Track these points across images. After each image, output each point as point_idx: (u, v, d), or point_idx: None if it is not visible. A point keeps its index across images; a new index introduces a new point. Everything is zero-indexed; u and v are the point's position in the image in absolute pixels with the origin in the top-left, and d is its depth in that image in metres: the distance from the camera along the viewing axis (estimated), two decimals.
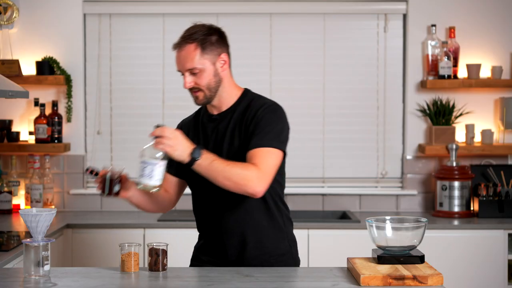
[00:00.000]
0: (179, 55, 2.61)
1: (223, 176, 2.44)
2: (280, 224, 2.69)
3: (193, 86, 2.60)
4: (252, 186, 2.45)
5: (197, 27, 2.64)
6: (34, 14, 4.51)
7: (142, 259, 3.69)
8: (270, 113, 2.59)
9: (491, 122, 4.53)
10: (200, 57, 2.59)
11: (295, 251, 2.75)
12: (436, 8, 4.50)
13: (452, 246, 4.04)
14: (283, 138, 2.58)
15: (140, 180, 2.45)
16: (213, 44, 2.62)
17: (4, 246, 3.32)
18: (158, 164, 2.43)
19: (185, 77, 2.60)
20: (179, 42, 2.61)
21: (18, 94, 3.46)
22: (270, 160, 2.51)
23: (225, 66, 2.67)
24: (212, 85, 2.62)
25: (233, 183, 2.45)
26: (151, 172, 2.43)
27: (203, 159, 2.44)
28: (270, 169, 2.50)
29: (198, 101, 2.64)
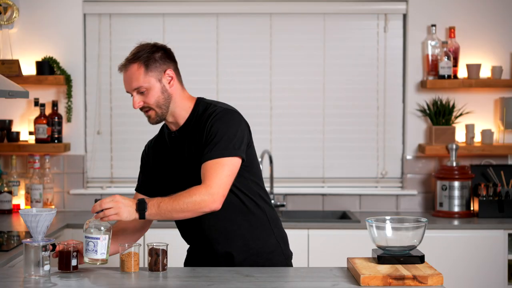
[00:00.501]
0: (125, 76, 2.60)
1: (177, 211, 2.46)
2: (264, 223, 2.68)
3: (142, 105, 2.60)
4: (206, 206, 2.46)
5: (141, 47, 2.62)
6: (34, 14, 4.51)
7: (142, 259, 3.69)
8: (217, 122, 2.56)
9: (491, 122, 4.53)
10: (145, 75, 2.57)
11: (284, 246, 2.74)
12: (436, 8, 4.50)
13: (452, 246, 4.04)
14: (235, 144, 2.54)
15: (86, 254, 2.47)
16: (157, 61, 2.59)
17: (4, 246, 3.32)
18: (101, 238, 2.46)
19: (133, 98, 2.59)
20: (123, 63, 2.60)
21: (18, 94, 3.45)
22: (220, 173, 2.49)
23: (172, 81, 2.62)
24: (161, 102, 2.60)
25: (189, 213, 2.47)
26: (94, 246, 2.46)
27: (150, 207, 2.44)
28: (221, 181, 2.48)
29: (151, 120, 2.63)
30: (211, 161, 2.50)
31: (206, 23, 4.57)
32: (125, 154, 4.60)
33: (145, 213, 2.44)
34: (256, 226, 2.66)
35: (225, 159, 2.50)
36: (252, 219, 2.65)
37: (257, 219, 2.66)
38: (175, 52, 2.69)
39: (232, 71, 4.58)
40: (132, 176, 4.48)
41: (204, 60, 4.57)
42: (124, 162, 4.59)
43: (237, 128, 2.57)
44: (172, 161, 2.68)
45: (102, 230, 2.47)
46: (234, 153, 2.52)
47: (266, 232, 2.68)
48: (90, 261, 2.47)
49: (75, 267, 2.49)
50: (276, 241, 2.70)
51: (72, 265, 2.48)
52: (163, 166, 2.71)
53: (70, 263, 2.47)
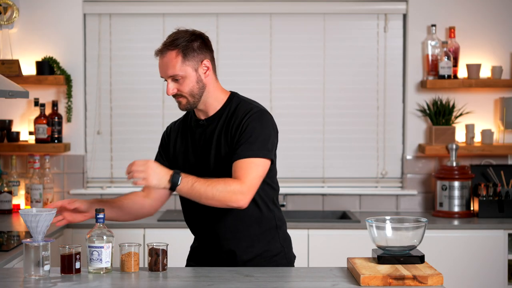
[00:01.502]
0: (161, 62, 2.60)
1: (206, 197, 2.46)
2: (272, 226, 2.70)
3: (175, 93, 2.60)
4: (236, 201, 2.47)
5: (180, 33, 2.62)
6: (34, 14, 4.51)
7: (142, 259, 3.69)
8: (254, 121, 2.58)
9: (491, 122, 4.53)
10: (182, 64, 2.58)
11: (288, 250, 2.75)
12: (436, 8, 4.50)
13: (452, 246, 4.04)
14: (269, 146, 2.58)
15: (91, 265, 2.48)
16: (195, 51, 2.60)
17: (4, 246, 3.32)
18: (104, 246, 2.47)
19: (167, 84, 2.60)
20: (161, 48, 2.60)
21: (18, 94, 3.45)
22: (254, 172, 2.51)
23: (208, 72, 2.63)
24: (195, 92, 2.61)
25: (216, 201, 2.47)
26: (99, 256, 2.47)
27: (183, 183, 2.45)
28: (254, 181, 2.51)
29: (181, 106, 2.64)
30: (246, 160, 2.52)
31: (206, 23, 4.56)
32: (125, 154, 4.59)
33: (177, 186, 2.44)
34: (265, 229, 2.68)
35: (259, 159, 2.54)
36: (262, 222, 2.67)
37: (266, 222, 2.68)
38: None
39: (232, 71, 4.57)
40: None
41: None
42: (124, 162, 4.58)
43: (272, 130, 2.61)
44: (194, 147, 2.67)
45: (105, 239, 2.47)
46: (268, 154, 2.56)
47: (272, 235, 2.70)
48: (95, 271, 2.48)
49: (77, 270, 2.48)
50: (280, 245, 2.72)
51: (75, 268, 2.47)
52: (183, 150, 2.71)
53: (73, 266, 2.47)
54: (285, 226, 2.79)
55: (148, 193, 2.77)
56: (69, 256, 2.46)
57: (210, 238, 2.69)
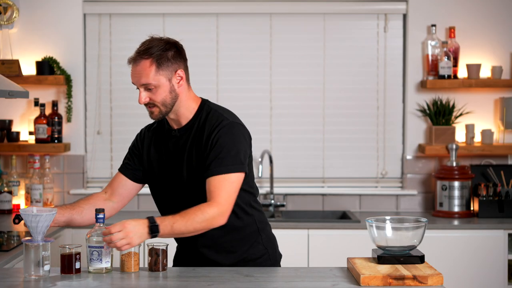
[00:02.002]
0: (134, 70, 2.57)
1: (188, 232, 2.48)
2: (253, 230, 2.69)
3: (148, 102, 2.58)
4: (217, 223, 2.50)
5: (154, 41, 2.59)
6: (34, 14, 4.51)
7: (142, 259, 3.69)
8: (224, 135, 2.55)
9: (491, 122, 4.53)
10: (156, 73, 2.55)
11: (272, 251, 2.74)
12: (436, 8, 4.50)
13: (452, 246, 4.04)
14: (241, 159, 2.55)
15: (91, 265, 2.48)
16: (169, 60, 2.57)
17: (4, 246, 3.32)
18: (104, 246, 2.47)
19: (140, 93, 2.57)
20: (134, 57, 2.57)
21: (18, 94, 3.45)
22: (228, 189, 2.51)
23: (181, 82, 2.61)
24: (168, 101, 2.58)
25: (200, 231, 2.50)
26: (99, 256, 2.48)
27: (162, 230, 2.44)
28: (230, 199, 2.52)
29: (153, 116, 2.61)
30: (219, 177, 2.51)
31: (206, 23, 4.57)
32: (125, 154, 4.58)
33: (158, 235, 2.45)
34: (245, 234, 2.67)
35: (232, 175, 2.52)
36: (241, 227, 2.65)
37: (245, 226, 2.66)
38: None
39: (232, 71, 4.58)
40: None
41: (204, 60, 4.57)
42: None
43: (243, 142, 2.57)
44: (168, 157, 2.66)
45: None
46: (240, 168, 2.54)
47: (254, 239, 2.68)
48: (95, 271, 2.48)
49: (77, 270, 2.48)
50: (264, 247, 2.70)
51: (75, 268, 2.47)
52: (157, 159, 2.70)
53: (73, 266, 2.47)
54: (269, 226, 2.77)
55: (111, 195, 2.74)
56: (69, 256, 2.46)
57: (189, 245, 2.69)
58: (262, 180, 4.56)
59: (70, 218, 2.64)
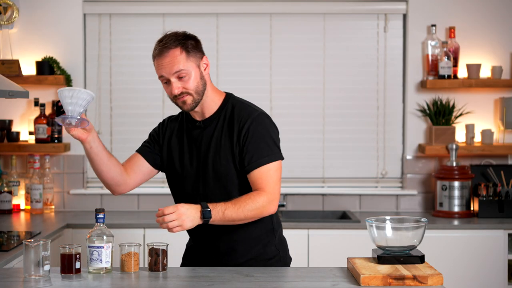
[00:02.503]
0: (163, 61, 2.57)
1: (239, 219, 2.53)
2: (268, 229, 2.70)
3: (181, 91, 2.57)
4: (268, 212, 2.56)
5: (173, 35, 2.60)
6: (34, 14, 4.51)
7: (142, 259, 3.69)
8: (259, 126, 2.60)
9: (491, 122, 4.53)
10: (186, 59, 2.56)
11: (283, 254, 2.75)
12: (436, 8, 4.50)
13: (452, 246, 4.04)
14: (277, 146, 2.64)
15: (91, 264, 2.49)
16: (194, 48, 2.60)
17: (4, 246, 3.32)
18: (104, 246, 2.48)
19: (172, 83, 2.56)
20: (160, 48, 2.57)
21: (18, 94, 3.46)
22: (274, 178, 2.58)
23: (207, 69, 2.63)
24: (200, 88, 2.59)
25: (250, 219, 2.55)
26: (99, 255, 2.48)
27: (214, 215, 2.48)
28: (276, 187, 2.59)
29: (186, 106, 2.60)
30: (263, 168, 2.57)
31: (206, 23, 4.57)
32: (125, 154, 4.53)
33: (209, 220, 2.49)
34: (261, 232, 2.68)
35: (274, 163, 2.59)
36: (260, 224, 2.66)
37: (263, 224, 2.67)
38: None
39: (232, 71, 4.58)
40: None
41: None
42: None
43: (274, 132, 2.65)
44: (191, 148, 2.66)
45: (105, 239, 2.47)
46: (279, 155, 2.61)
47: (268, 239, 2.70)
48: (95, 271, 2.48)
49: (77, 270, 2.48)
50: (276, 248, 2.71)
51: (75, 268, 2.47)
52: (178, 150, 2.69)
53: (73, 266, 2.47)
54: (281, 229, 2.79)
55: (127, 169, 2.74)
56: (69, 256, 2.46)
57: (206, 238, 2.68)
58: None
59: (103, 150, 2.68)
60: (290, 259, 2.80)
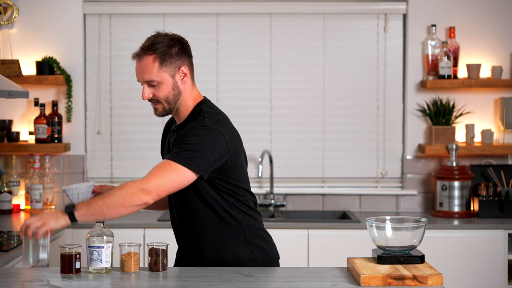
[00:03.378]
0: (138, 66, 2.58)
1: (107, 206, 2.43)
2: (238, 233, 2.64)
3: (151, 98, 2.59)
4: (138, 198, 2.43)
5: (159, 37, 2.58)
6: (34, 14, 4.51)
7: (142, 259, 3.69)
8: (192, 134, 2.51)
9: (491, 122, 4.53)
10: (159, 70, 2.55)
11: (261, 257, 2.66)
12: (436, 8, 4.50)
13: (452, 246, 4.04)
14: (199, 159, 2.46)
15: (91, 265, 2.49)
16: (173, 57, 2.56)
17: (4, 246, 3.32)
18: (104, 247, 2.49)
19: (143, 88, 2.58)
20: (138, 52, 2.57)
21: (18, 94, 3.46)
22: (165, 173, 2.44)
23: (185, 79, 2.60)
24: (171, 98, 2.59)
25: (120, 207, 2.43)
26: (99, 256, 2.49)
27: (79, 208, 2.44)
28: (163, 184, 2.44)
29: (157, 112, 2.62)
30: (167, 161, 2.47)
31: (206, 23, 4.57)
32: (125, 154, 4.60)
33: (75, 214, 2.43)
34: (229, 236, 2.63)
35: (179, 166, 2.45)
36: (225, 229, 2.63)
37: (230, 228, 2.63)
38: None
39: (232, 71, 4.58)
40: (132, 176, 4.49)
41: (204, 60, 4.57)
42: (124, 162, 4.59)
43: (211, 147, 2.49)
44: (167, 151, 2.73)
45: (105, 239, 2.48)
46: (192, 167, 2.46)
47: (240, 242, 2.64)
48: (95, 271, 2.49)
49: (77, 270, 2.48)
50: (250, 251, 2.65)
51: (75, 268, 2.48)
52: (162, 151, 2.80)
53: (73, 266, 2.47)
54: (260, 232, 2.70)
55: None
56: (69, 256, 2.47)
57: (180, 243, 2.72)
58: (262, 180, 4.56)
59: None
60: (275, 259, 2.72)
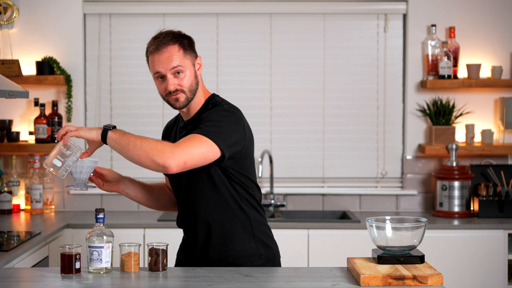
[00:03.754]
0: (160, 57, 2.57)
1: (134, 146, 2.44)
2: (246, 226, 2.65)
3: (176, 88, 2.58)
4: (163, 158, 2.40)
5: (169, 32, 2.61)
6: (34, 14, 4.51)
7: (142, 259, 3.69)
8: (216, 112, 2.55)
9: (491, 122, 4.53)
10: (184, 57, 2.59)
11: (265, 252, 2.68)
12: (436, 8, 4.50)
13: (452, 246, 4.04)
14: (224, 136, 2.49)
15: (91, 265, 2.49)
16: (191, 47, 2.63)
17: (4, 246, 3.32)
18: (104, 246, 2.49)
19: (168, 79, 2.57)
20: (158, 44, 2.57)
21: (18, 94, 3.46)
22: (196, 146, 2.43)
23: (200, 69, 2.65)
24: (194, 87, 2.61)
25: (143, 152, 2.42)
26: (99, 255, 2.49)
27: (115, 131, 2.49)
28: (192, 153, 2.42)
29: (179, 103, 2.60)
30: (195, 134, 2.47)
31: (206, 23, 4.57)
32: None
33: (108, 133, 2.47)
34: (237, 229, 2.64)
35: (207, 139, 2.46)
36: (234, 221, 2.64)
37: (238, 221, 2.64)
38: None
39: (232, 71, 4.58)
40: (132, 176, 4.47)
41: (204, 60, 4.51)
42: (124, 162, 4.55)
43: (232, 126, 2.54)
44: None
45: (105, 239, 2.48)
46: (218, 142, 2.47)
47: (247, 236, 2.66)
48: (95, 271, 2.49)
49: (77, 270, 2.48)
50: (256, 246, 2.66)
51: (75, 268, 2.48)
52: None
53: (73, 266, 2.47)
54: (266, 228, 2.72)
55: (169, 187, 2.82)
56: (69, 256, 2.47)
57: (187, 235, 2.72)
58: (262, 180, 4.56)
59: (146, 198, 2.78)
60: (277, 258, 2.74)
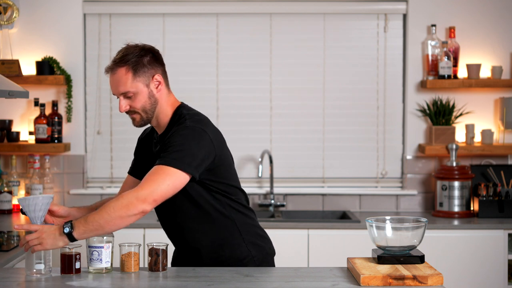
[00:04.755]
0: (111, 79, 2.57)
1: (106, 220, 2.38)
2: (233, 231, 2.64)
3: (128, 109, 2.58)
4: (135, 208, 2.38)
5: (129, 49, 2.58)
6: (34, 14, 4.51)
7: (142, 259, 3.69)
8: (176, 136, 2.49)
9: (491, 122, 4.53)
10: (133, 80, 2.55)
11: (257, 254, 2.67)
12: (436, 8, 4.50)
13: (452, 246, 4.04)
14: (188, 159, 2.45)
15: (91, 265, 2.49)
16: (145, 66, 2.56)
17: (4, 246, 3.32)
18: (104, 246, 2.48)
19: (120, 101, 2.57)
20: (110, 66, 2.57)
21: (18, 94, 3.45)
22: (160, 179, 2.41)
23: (160, 87, 2.60)
24: (148, 107, 2.58)
25: (118, 219, 2.38)
26: (99, 255, 2.48)
27: (77, 226, 2.39)
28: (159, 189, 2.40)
29: (135, 123, 2.61)
30: (158, 166, 2.44)
31: (206, 23, 4.57)
32: (125, 154, 4.59)
33: (73, 234, 2.38)
34: (224, 235, 2.64)
35: (171, 169, 2.43)
36: (219, 228, 2.63)
37: (224, 228, 2.63)
38: (175, 52, 2.69)
39: (232, 71, 4.58)
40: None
41: (204, 60, 4.57)
42: (124, 162, 4.58)
43: (196, 145, 2.48)
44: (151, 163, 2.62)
45: (105, 239, 2.48)
46: (183, 167, 2.44)
47: (236, 241, 2.65)
48: (95, 271, 2.49)
49: (77, 270, 2.48)
50: (247, 249, 2.66)
51: (75, 268, 2.48)
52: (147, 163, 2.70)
53: (73, 266, 2.47)
54: (254, 229, 2.71)
55: None
56: (69, 256, 2.47)
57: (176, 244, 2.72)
58: (262, 180, 4.56)
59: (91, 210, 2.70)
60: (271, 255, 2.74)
